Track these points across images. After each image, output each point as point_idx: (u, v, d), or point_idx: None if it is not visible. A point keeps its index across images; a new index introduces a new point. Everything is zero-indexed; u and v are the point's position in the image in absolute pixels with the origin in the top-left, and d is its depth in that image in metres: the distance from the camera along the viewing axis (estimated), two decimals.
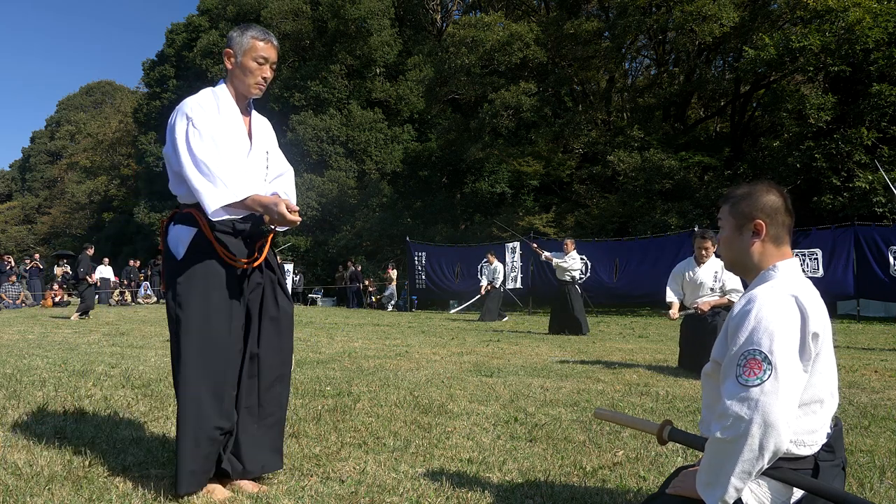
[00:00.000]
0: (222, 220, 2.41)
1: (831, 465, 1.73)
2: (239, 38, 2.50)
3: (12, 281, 18.91)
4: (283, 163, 2.76)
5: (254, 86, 2.52)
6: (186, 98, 2.49)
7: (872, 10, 14.85)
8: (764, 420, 1.56)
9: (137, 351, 6.99)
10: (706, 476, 1.68)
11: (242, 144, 2.52)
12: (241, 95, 2.56)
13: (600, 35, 21.88)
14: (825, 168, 15.53)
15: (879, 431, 3.48)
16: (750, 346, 1.64)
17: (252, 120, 2.62)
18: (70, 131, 53.44)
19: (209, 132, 2.39)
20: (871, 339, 9.43)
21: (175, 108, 2.48)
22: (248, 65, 2.49)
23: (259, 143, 2.60)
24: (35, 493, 2.38)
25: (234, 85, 2.54)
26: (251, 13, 28.54)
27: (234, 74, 2.53)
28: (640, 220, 18.35)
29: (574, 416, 3.80)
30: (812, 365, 1.68)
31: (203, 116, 2.41)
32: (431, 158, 25.46)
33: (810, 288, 1.76)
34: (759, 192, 1.86)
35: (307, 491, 2.48)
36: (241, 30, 2.53)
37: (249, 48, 2.49)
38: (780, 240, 1.84)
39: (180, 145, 2.37)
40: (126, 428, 3.38)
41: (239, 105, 2.55)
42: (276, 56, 2.56)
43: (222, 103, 2.50)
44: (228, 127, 2.48)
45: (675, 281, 6.21)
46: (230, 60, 2.52)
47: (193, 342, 2.36)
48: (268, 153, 2.64)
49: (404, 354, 6.94)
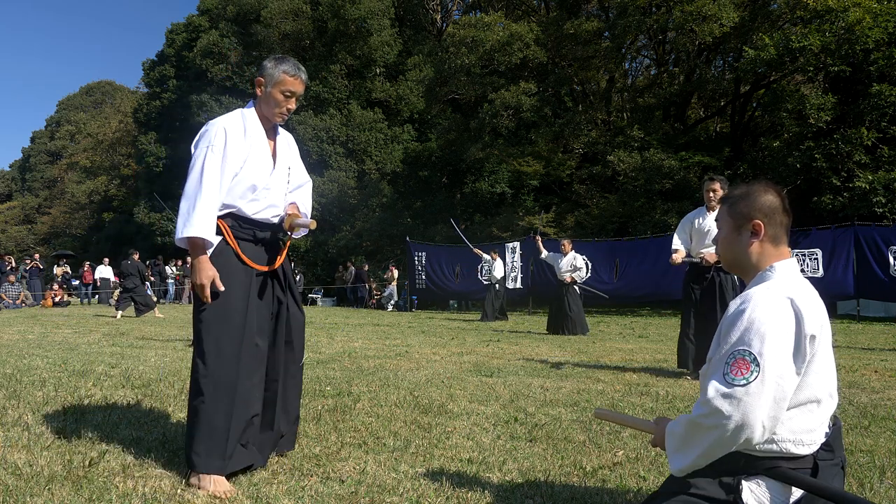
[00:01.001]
0: (245, 229, 2.68)
1: (830, 464, 1.74)
2: (271, 69, 2.67)
3: (12, 281, 18.92)
4: (303, 174, 2.97)
5: (278, 115, 2.72)
6: (218, 118, 2.68)
7: (872, 10, 14.85)
8: (743, 419, 1.60)
9: (137, 351, 6.99)
10: (675, 442, 1.77)
11: (266, 164, 2.71)
12: (267, 119, 2.75)
13: (600, 35, 21.88)
14: (825, 168, 15.52)
15: (879, 431, 3.48)
16: (740, 346, 1.65)
17: (277, 138, 2.82)
18: (70, 131, 53.44)
19: (226, 156, 2.60)
20: (871, 339, 9.43)
21: (205, 125, 2.69)
22: (275, 96, 2.67)
23: (282, 160, 2.80)
24: (35, 493, 2.38)
25: (262, 109, 2.73)
26: (251, 13, 28.54)
27: (263, 100, 2.71)
28: (640, 220, 18.35)
29: (574, 416, 3.80)
30: (808, 365, 1.68)
31: (221, 144, 2.60)
32: (431, 158, 25.47)
33: (808, 288, 1.76)
34: (756, 193, 1.87)
35: (307, 491, 2.48)
36: (274, 62, 2.69)
37: (279, 81, 2.66)
38: (778, 240, 1.85)
39: (195, 168, 2.58)
40: (126, 428, 3.38)
41: (265, 127, 2.74)
42: (303, 89, 2.74)
43: (249, 125, 2.69)
44: (253, 149, 2.67)
45: (683, 229, 6.04)
46: (260, 88, 2.69)
47: (211, 333, 2.57)
48: (290, 169, 2.85)
49: (404, 354, 6.94)
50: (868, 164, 15.19)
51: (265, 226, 2.75)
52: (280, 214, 2.80)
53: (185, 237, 2.52)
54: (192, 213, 2.50)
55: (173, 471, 2.67)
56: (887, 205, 14.68)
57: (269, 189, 2.72)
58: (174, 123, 32.19)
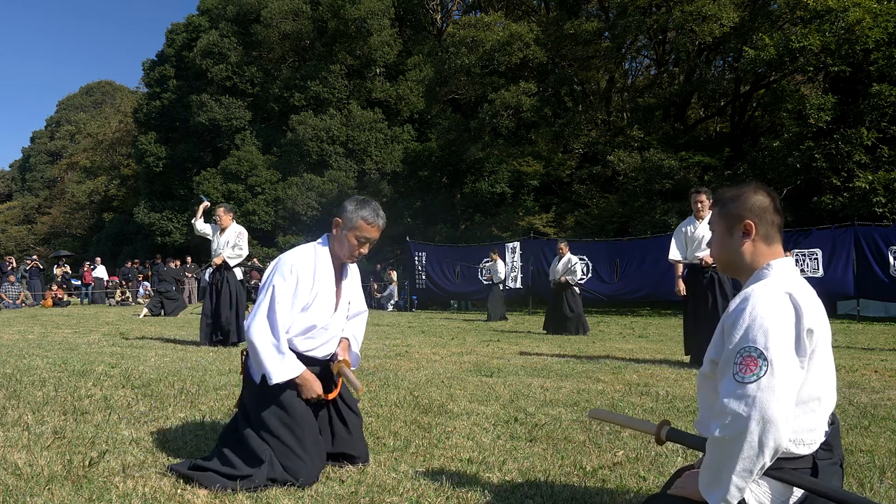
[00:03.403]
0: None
1: (829, 463, 1.74)
2: (352, 213, 2.73)
3: (12, 281, 18.92)
4: (361, 304, 3.05)
5: (349, 257, 2.81)
6: (289, 254, 2.78)
7: (872, 10, 14.84)
8: (762, 416, 1.56)
9: (137, 351, 6.99)
10: (707, 476, 1.67)
11: (329, 306, 2.80)
12: (338, 257, 2.83)
13: (600, 35, 21.87)
14: (825, 168, 15.51)
15: (879, 431, 3.48)
16: (745, 344, 1.64)
17: (344, 278, 2.90)
18: (70, 131, 53.39)
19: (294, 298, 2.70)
20: (871, 339, 9.43)
21: (278, 260, 2.79)
22: (350, 240, 2.75)
23: (344, 297, 2.89)
24: (35, 493, 2.39)
25: (335, 247, 2.81)
26: (251, 13, 28.50)
27: (338, 239, 2.79)
28: (640, 220, 18.34)
29: (574, 416, 3.80)
30: (808, 362, 1.68)
31: (294, 281, 2.70)
32: (431, 158, 25.46)
33: (805, 285, 1.77)
34: (747, 194, 1.88)
35: (307, 491, 2.48)
36: (356, 206, 2.75)
37: (356, 227, 2.73)
38: (771, 239, 1.86)
39: (264, 300, 2.68)
40: (126, 428, 3.38)
41: (334, 264, 2.83)
42: (378, 236, 2.80)
43: (320, 265, 2.77)
44: (320, 292, 2.76)
45: (678, 238, 6.56)
46: (337, 228, 2.78)
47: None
48: (350, 303, 2.94)
49: (404, 354, 6.94)
50: (868, 164, 15.17)
51: (315, 361, 2.81)
52: (332, 352, 2.88)
53: (284, 380, 2.61)
54: (275, 355, 2.61)
55: (173, 470, 2.67)
56: (887, 205, 14.67)
57: (326, 329, 2.80)
58: (174, 123, 32.16)
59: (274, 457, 2.53)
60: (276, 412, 2.62)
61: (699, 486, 1.70)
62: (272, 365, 2.58)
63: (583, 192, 21.33)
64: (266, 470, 2.50)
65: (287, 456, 2.53)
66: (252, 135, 29.02)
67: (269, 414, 2.62)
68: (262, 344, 2.60)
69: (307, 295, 2.71)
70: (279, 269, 2.72)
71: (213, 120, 28.59)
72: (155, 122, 32.53)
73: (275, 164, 27.88)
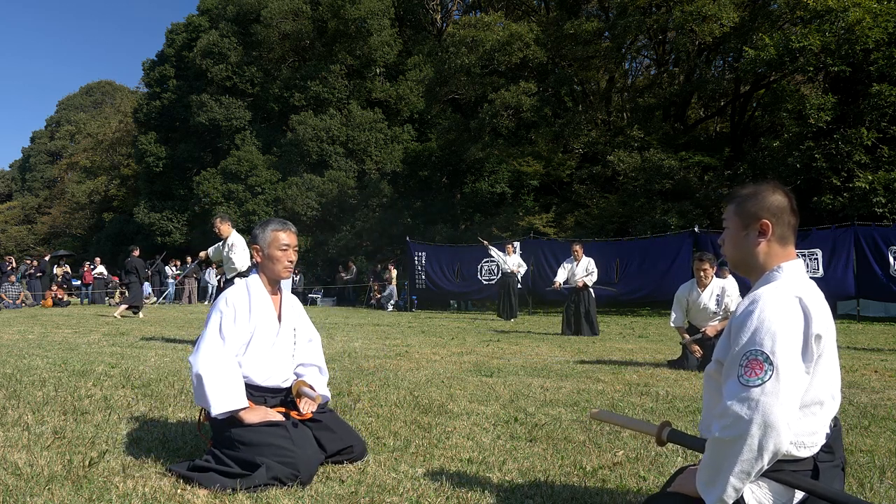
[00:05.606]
0: (256, 397, 2.78)
1: (831, 465, 1.73)
2: (262, 233, 2.88)
3: (12, 281, 18.91)
4: (310, 331, 3.11)
5: (283, 270, 2.89)
6: (225, 291, 2.89)
7: (872, 10, 14.83)
8: (764, 420, 1.56)
9: (137, 351, 6.99)
10: (705, 475, 1.68)
11: (271, 330, 2.86)
12: (272, 280, 2.91)
13: (600, 35, 21.86)
14: (825, 168, 15.51)
15: (879, 431, 3.48)
16: (752, 347, 1.63)
17: (282, 299, 2.97)
18: (70, 131, 53.39)
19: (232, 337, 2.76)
20: (871, 339, 9.43)
21: (218, 299, 2.87)
22: (274, 254, 2.86)
23: (287, 322, 2.94)
24: (35, 493, 2.38)
25: (265, 272, 2.91)
26: (251, 13, 28.50)
27: (264, 264, 2.90)
28: (640, 220, 18.33)
29: (574, 416, 3.80)
30: (814, 366, 1.67)
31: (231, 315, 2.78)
32: (431, 158, 25.45)
33: (814, 289, 1.75)
34: (765, 192, 1.85)
35: (307, 491, 2.48)
36: (261, 226, 2.90)
37: (273, 239, 2.86)
38: (786, 240, 1.83)
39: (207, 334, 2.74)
40: (126, 428, 3.38)
41: (270, 288, 2.91)
42: (296, 240, 2.94)
43: (254, 296, 2.85)
44: (259, 320, 2.82)
45: (678, 303, 6.39)
46: (259, 254, 2.89)
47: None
48: (295, 330, 2.98)
49: (404, 354, 6.94)
50: (868, 164, 15.16)
51: (275, 391, 2.87)
52: (288, 378, 2.92)
53: (225, 412, 2.61)
54: (218, 386, 2.62)
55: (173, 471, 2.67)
56: (887, 205, 14.66)
57: (275, 354, 2.85)
58: (174, 123, 32.16)
59: (269, 459, 2.53)
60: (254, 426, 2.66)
61: (697, 484, 1.71)
62: (214, 396, 2.60)
63: (583, 192, 21.32)
64: (265, 470, 2.50)
65: (281, 453, 2.54)
66: (252, 135, 29.01)
67: (246, 429, 2.64)
68: (206, 375, 2.62)
69: (247, 324, 2.78)
70: (216, 304, 2.81)
71: (213, 120, 28.58)
72: (155, 122, 32.53)
73: (275, 164, 27.87)
